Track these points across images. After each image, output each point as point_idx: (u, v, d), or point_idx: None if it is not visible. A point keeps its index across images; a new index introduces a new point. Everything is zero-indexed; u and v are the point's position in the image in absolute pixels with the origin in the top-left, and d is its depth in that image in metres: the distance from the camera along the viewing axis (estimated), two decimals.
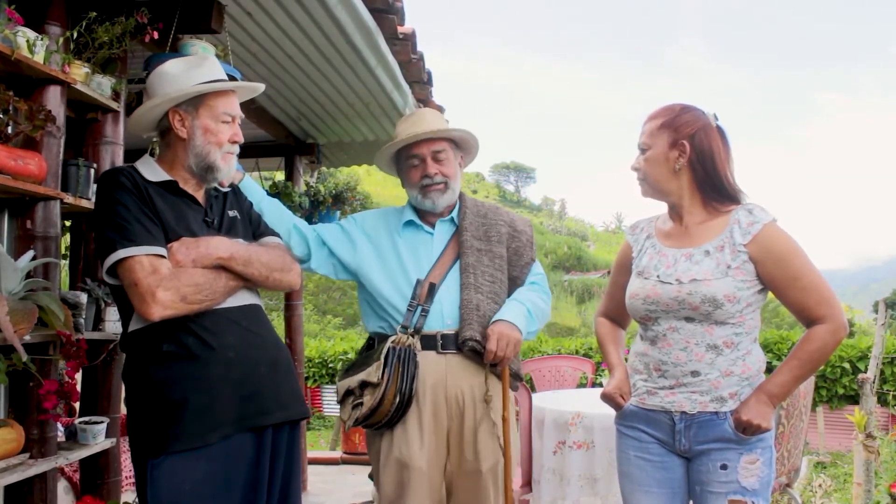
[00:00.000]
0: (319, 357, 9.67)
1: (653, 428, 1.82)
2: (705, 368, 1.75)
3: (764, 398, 1.71)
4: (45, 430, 2.08)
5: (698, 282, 1.74)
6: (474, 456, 2.14)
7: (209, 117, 1.82)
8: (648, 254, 1.88)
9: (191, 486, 1.63)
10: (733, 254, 1.74)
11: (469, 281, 2.19)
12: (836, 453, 6.51)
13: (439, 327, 2.16)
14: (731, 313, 1.73)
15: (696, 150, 1.78)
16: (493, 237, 2.30)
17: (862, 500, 3.88)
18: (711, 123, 1.81)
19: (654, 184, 1.85)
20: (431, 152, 2.23)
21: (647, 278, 1.83)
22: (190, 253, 1.70)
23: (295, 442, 1.87)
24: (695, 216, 1.83)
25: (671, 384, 1.78)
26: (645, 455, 1.83)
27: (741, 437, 1.72)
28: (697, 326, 1.75)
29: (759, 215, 1.76)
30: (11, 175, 1.94)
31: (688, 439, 1.76)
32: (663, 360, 1.79)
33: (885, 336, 5.69)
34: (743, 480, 1.71)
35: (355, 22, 2.94)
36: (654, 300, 1.79)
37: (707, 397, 1.74)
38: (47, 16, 2.19)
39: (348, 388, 2.14)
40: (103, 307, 2.40)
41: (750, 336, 1.78)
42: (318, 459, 5.85)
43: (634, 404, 1.87)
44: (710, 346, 1.75)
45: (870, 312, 17.33)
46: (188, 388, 1.67)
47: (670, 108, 1.84)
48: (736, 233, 1.75)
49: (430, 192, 2.23)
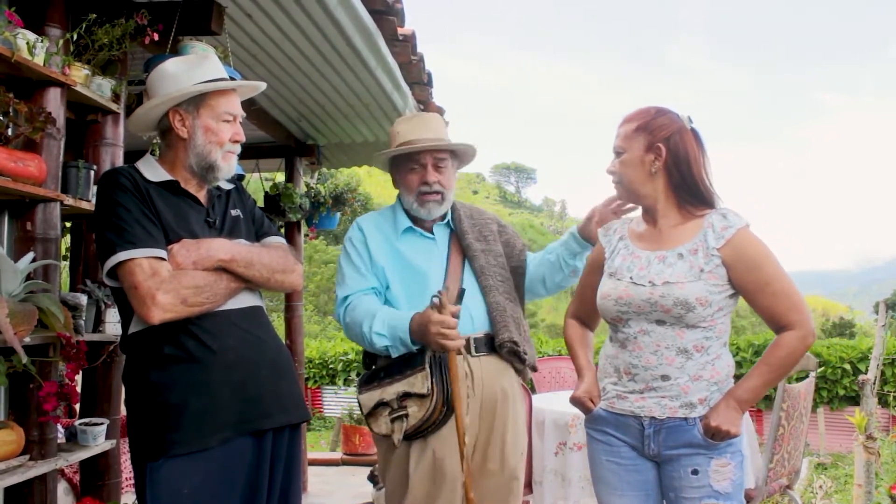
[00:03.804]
0: (320, 358, 9.68)
1: (622, 433, 1.82)
2: (675, 372, 1.74)
3: (733, 404, 1.70)
4: (45, 432, 2.08)
5: (671, 284, 1.73)
6: (500, 455, 2.13)
7: (210, 116, 1.81)
8: (621, 255, 1.88)
9: (190, 490, 1.63)
10: (706, 257, 1.73)
11: (489, 283, 2.19)
12: (836, 454, 6.51)
13: (469, 331, 2.13)
14: (702, 317, 1.72)
15: (671, 153, 1.78)
16: (488, 237, 2.31)
17: (862, 501, 3.88)
18: (686, 126, 1.80)
19: (630, 187, 1.84)
20: (434, 160, 2.20)
21: (620, 279, 1.83)
22: (190, 255, 1.69)
23: (295, 445, 1.86)
24: (669, 219, 1.83)
25: (641, 388, 1.77)
26: (616, 459, 1.83)
27: (710, 443, 1.71)
28: (668, 330, 1.75)
29: (733, 220, 1.75)
30: (11, 177, 1.94)
31: (657, 444, 1.76)
32: (633, 363, 1.79)
33: (885, 337, 5.69)
34: (715, 484, 1.71)
35: (355, 23, 2.94)
36: (627, 301, 1.79)
37: (677, 402, 1.74)
38: (47, 18, 2.20)
39: (380, 401, 2.05)
40: (103, 309, 2.40)
41: (720, 340, 1.77)
42: (319, 460, 5.85)
43: (604, 409, 1.86)
44: (681, 350, 1.74)
45: (871, 313, 17.32)
46: (188, 391, 1.66)
47: (645, 111, 1.84)
48: (710, 236, 1.75)
49: (426, 200, 2.20)
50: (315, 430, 9.06)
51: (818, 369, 6.82)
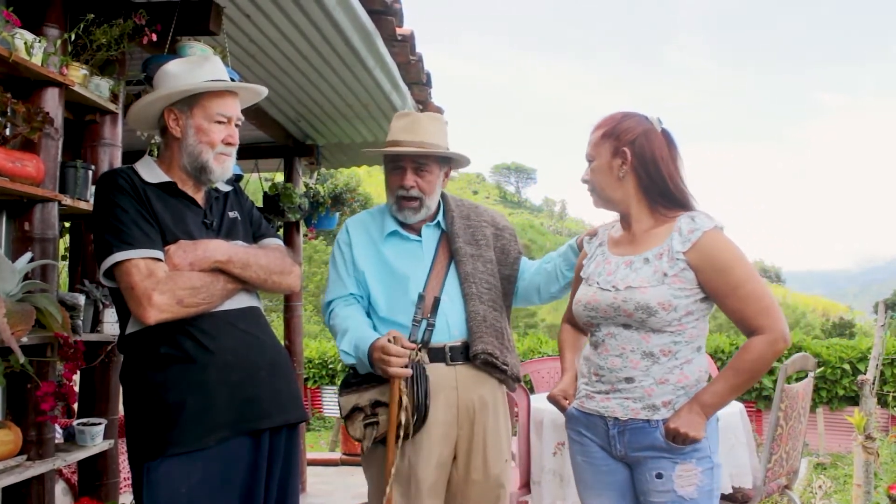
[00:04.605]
0: (319, 358, 9.69)
1: (591, 432, 1.82)
2: (639, 375, 1.73)
3: (696, 408, 1.69)
4: (43, 432, 2.09)
5: (633, 289, 1.72)
6: (483, 464, 2.13)
7: (202, 117, 1.80)
8: (596, 261, 1.89)
9: (187, 490, 1.62)
10: (671, 262, 1.72)
11: (471, 291, 2.16)
12: (836, 454, 6.51)
13: (446, 340, 2.13)
14: (666, 321, 1.71)
15: (636, 156, 1.77)
16: (480, 241, 2.26)
17: (861, 501, 3.88)
18: (655, 128, 1.79)
19: (602, 193, 1.84)
20: (414, 164, 2.16)
21: (591, 285, 1.84)
22: (187, 256, 1.69)
23: (293, 445, 1.86)
24: (642, 223, 1.82)
25: (606, 389, 1.78)
26: (589, 459, 1.84)
27: (672, 447, 1.70)
28: (634, 333, 1.74)
29: (701, 222, 1.73)
30: (9, 177, 1.94)
31: (623, 445, 1.76)
32: (601, 364, 1.79)
33: (884, 337, 5.69)
34: (679, 489, 1.69)
35: (353, 23, 2.94)
36: (594, 306, 1.79)
37: (639, 404, 1.73)
38: (45, 18, 2.20)
39: (355, 406, 2.08)
40: (101, 309, 2.40)
41: (691, 345, 1.75)
42: (318, 460, 5.85)
43: (576, 407, 1.87)
44: (646, 354, 1.73)
45: (871, 313, 17.30)
46: (185, 391, 1.66)
47: (612, 117, 1.83)
48: (675, 240, 1.73)
49: (404, 206, 2.17)
50: (315, 430, 9.06)
51: (817, 369, 6.84)
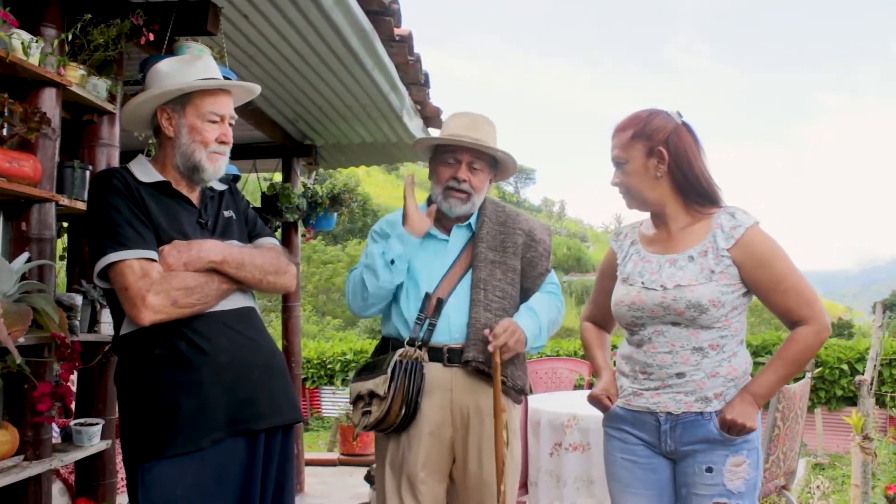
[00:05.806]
0: (318, 358, 9.67)
1: (639, 429, 1.82)
2: (690, 370, 1.75)
3: (749, 398, 1.72)
4: (40, 432, 2.08)
5: (683, 287, 1.74)
6: (479, 467, 2.15)
7: (195, 116, 1.80)
8: (633, 260, 1.88)
9: (182, 492, 1.62)
10: (717, 259, 1.74)
11: (479, 297, 2.17)
12: (834, 455, 6.51)
13: (446, 341, 2.16)
14: (716, 318, 1.73)
15: (672, 155, 1.77)
16: (508, 248, 2.26)
17: (859, 501, 3.88)
18: (679, 123, 1.80)
19: (638, 195, 1.83)
20: (470, 160, 2.22)
21: (632, 285, 1.83)
22: (181, 256, 1.69)
23: (288, 446, 1.86)
24: (678, 221, 1.83)
25: (656, 385, 1.78)
26: (631, 457, 1.84)
27: (726, 438, 1.72)
28: (683, 330, 1.76)
29: (742, 219, 1.76)
30: (6, 177, 1.94)
31: (673, 440, 1.77)
32: (648, 362, 1.79)
33: (882, 338, 5.69)
34: (728, 483, 1.71)
35: (351, 24, 2.94)
36: (640, 306, 1.79)
37: (692, 398, 1.74)
38: (42, 18, 2.20)
39: (359, 394, 2.15)
40: (99, 309, 2.40)
41: (736, 338, 1.78)
42: (316, 461, 5.85)
43: (621, 406, 1.87)
44: (696, 349, 1.75)
45: (870, 314, 17.28)
46: (180, 392, 1.66)
47: (638, 116, 1.82)
48: (719, 237, 1.75)
49: (451, 195, 2.21)
50: (313, 431, 9.05)
51: (816, 370, 6.84)
